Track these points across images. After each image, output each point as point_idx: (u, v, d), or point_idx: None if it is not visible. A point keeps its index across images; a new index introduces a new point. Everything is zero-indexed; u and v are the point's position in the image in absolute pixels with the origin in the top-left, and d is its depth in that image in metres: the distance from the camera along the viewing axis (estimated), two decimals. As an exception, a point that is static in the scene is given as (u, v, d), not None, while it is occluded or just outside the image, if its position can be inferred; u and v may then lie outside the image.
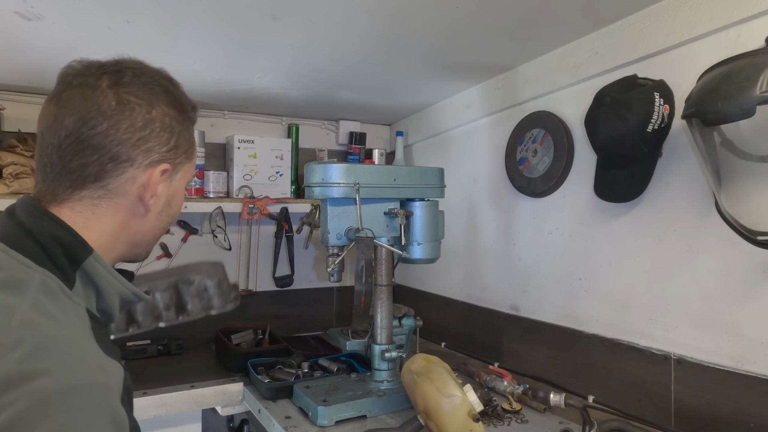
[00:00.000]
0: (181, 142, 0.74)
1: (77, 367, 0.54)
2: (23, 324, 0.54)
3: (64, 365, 0.52)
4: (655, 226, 1.26)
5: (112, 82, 0.72)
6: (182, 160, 0.75)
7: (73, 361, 0.54)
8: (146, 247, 0.78)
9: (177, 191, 0.77)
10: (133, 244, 0.75)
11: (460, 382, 1.15)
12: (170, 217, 0.77)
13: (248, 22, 1.28)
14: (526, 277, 1.66)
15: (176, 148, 0.73)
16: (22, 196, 0.72)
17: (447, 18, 1.27)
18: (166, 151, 0.72)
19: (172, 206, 0.77)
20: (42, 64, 1.56)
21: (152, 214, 0.73)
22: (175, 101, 0.74)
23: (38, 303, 0.57)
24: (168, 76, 0.77)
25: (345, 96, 2.01)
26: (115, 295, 0.70)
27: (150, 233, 0.76)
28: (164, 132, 0.71)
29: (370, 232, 1.33)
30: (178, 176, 0.76)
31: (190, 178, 0.80)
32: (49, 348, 0.53)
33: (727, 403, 1.09)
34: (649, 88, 1.17)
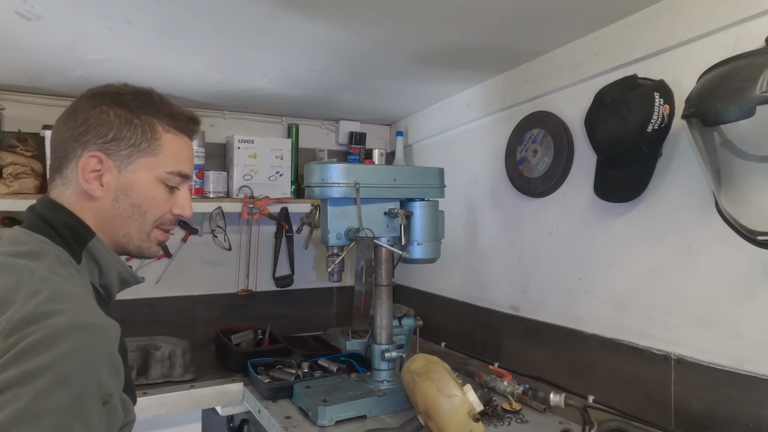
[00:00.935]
0: (124, 135, 0.84)
1: (84, 311, 0.68)
2: (42, 279, 0.69)
3: (73, 308, 0.66)
4: (655, 226, 1.26)
5: (76, 98, 0.88)
6: (131, 152, 0.84)
7: (80, 306, 0.68)
8: (130, 238, 0.87)
9: (132, 182, 0.85)
10: (113, 233, 0.86)
11: (460, 382, 1.15)
12: (134, 207, 0.85)
13: (248, 22, 1.28)
14: (526, 277, 1.66)
15: (116, 141, 0.83)
16: (41, 195, 0.88)
17: (447, 18, 1.27)
18: (102, 143, 0.83)
19: (130, 196, 0.85)
20: (42, 64, 1.56)
21: (105, 201, 0.84)
22: (121, 102, 0.85)
23: (53, 267, 0.72)
24: (133, 88, 0.89)
25: (345, 96, 2.01)
26: (114, 272, 0.84)
27: (117, 222, 0.85)
28: (102, 126, 0.83)
29: (370, 232, 1.33)
30: (131, 168, 0.85)
31: (159, 173, 0.87)
32: (62, 296, 0.67)
33: (727, 403, 1.09)
34: (649, 88, 1.17)
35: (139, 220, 0.87)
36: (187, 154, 0.92)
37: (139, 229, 0.87)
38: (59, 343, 0.60)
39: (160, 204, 0.88)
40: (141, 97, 0.87)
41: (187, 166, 0.91)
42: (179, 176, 0.90)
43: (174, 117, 0.89)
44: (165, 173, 0.87)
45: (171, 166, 0.88)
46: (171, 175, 0.88)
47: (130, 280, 0.88)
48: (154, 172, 0.87)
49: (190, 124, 0.93)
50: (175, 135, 0.89)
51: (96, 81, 1.73)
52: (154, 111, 0.87)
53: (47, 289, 0.67)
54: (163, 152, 0.87)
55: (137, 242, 0.88)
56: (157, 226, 0.90)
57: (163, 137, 0.87)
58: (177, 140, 0.90)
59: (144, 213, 0.87)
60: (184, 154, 0.91)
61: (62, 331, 0.62)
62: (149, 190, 0.87)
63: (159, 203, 0.88)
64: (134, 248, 0.89)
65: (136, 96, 0.87)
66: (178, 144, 0.90)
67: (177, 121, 0.90)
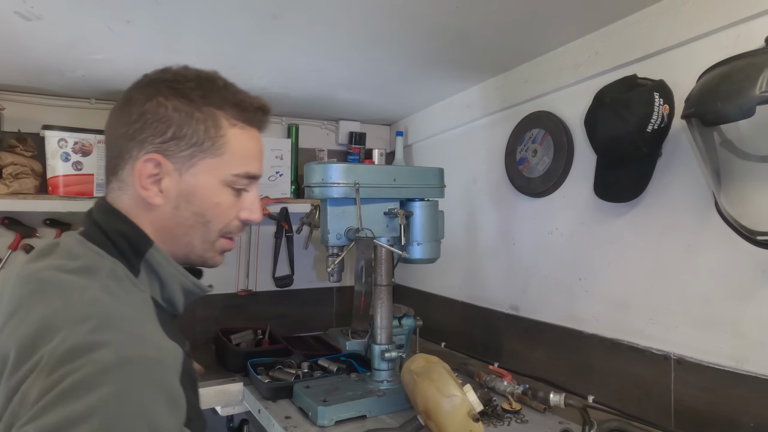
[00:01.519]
0: (185, 133, 0.73)
1: (135, 341, 0.59)
2: (92, 302, 0.61)
3: (123, 338, 0.58)
4: (654, 226, 1.26)
5: (129, 86, 0.78)
6: (193, 153, 0.74)
7: (131, 335, 0.59)
8: (192, 248, 0.78)
9: (195, 187, 0.74)
10: (174, 243, 0.77)
11: (460, 382, 1.15)
12: (196, 216, 0.75)
13: (248, 22, 1.28)
14: (526, 277, 1.66)
15: (176, 140, 0.73)
16: (98, 197, 0.81)
17: (447, 18, 1.27)
18: (160, 143, 0.72)
19: (192, 203, 0.75)
20: (42, 64, 1.56)
21: (165, 209, 0.74)
22: (181, 92, 0.74)
23: (106, 286, 0.65)
24: (195, 72, 0.77)
25: (345, 96, 2.00)
26: (176, 284, 0.75)
27: (178, 231, 0.76)
28: (159, 123, 0.72)
29: (370, 232, 1.33)
30: (193, 171, 0.74)
31: (224, 176, 0.76)
32: (112, 322, 0.59)
33: (727, 403, 1.09)
34: (649, 88, 1.17)
35: (203, 230, 0.77)
36: (255, 151, 0.80)
37: (203, 239, 0.78)
38: (105, 382, 0.52)
39: (225, 211, 0.78)
40: (204, 85, 0.75)
41: (255, 166, 0.80)
42: (247, 178, 0.78)
43: (241, 107, 0.78)
44: (231, 176, 0.76)
45: (237, 167, 0.77)
46: (237, 178, 0.77)
47: (196, 290, 0.79)
48: (219, 175, 0.76)
49: (260, 114, 0.80)
50: (241, 129, 0.78)
51: (96, 81, 1.76)
52: (219, 101, 0.76)
53: (96, 315, 0.59)
54: (228, 151, 0.76)
55: (200, 252, 0.79)
56: (222, 234, 0.79)
57: (228, 133, 0.76)
58: (244, 135, 0.78)
59: (208, 222, 0.76)
60: (252, 151, 0.79)
61: (108, 368, 0.54)
62: (213, 196, 0.76)
63: (224, 210, 0.77)
64: (197, 258, 0.79)
65: (198, 83, 0.75)
66: (245, 140, 0.78)
67: (244, 112, 0.78)
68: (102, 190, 1.79)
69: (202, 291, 0.80)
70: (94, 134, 1.76)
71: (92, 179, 1.77)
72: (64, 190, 1.73)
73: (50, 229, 1.91)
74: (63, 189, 1.73)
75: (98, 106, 1.99)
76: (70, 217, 1.92)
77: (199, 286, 0.79)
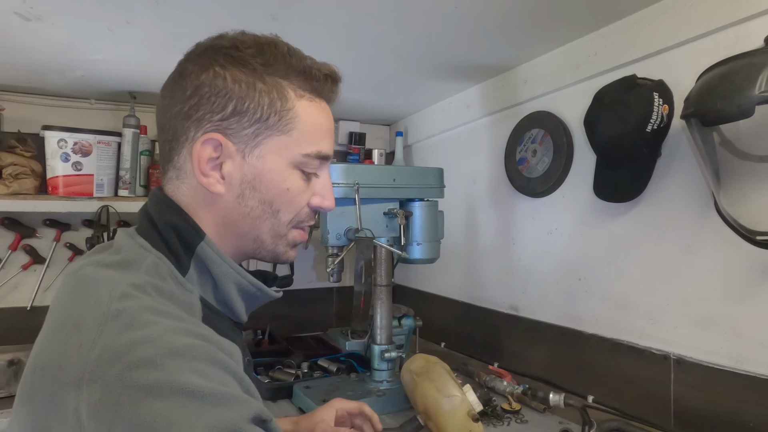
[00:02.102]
0: (247, 107, 0.63)
1: (174, 331, 0.51)
2: (122, 296, 0.52)
3: (160, 331, 0.50)
4: (654, 226, 1.26)
5: (182, 57, 0.69)
6: (257, 130, 0.64)
7: (167, 326, 0.51)
8: (261, 243, 0.69)
9: (261, 171, 0.65)
10: (240, 237, 0.68)
11: (459, 382, 1.15)
12: (264, 204, 0.66)
13: (248, 22, 1.27)
14: (525, 277, 1.66)
15: (238, 115, 0.63)
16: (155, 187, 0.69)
17: (446, 18, 1.27)
18: (219, 120, 0.63)
19: (259, 190, 0.65)
20: (42, 64, 1.56)
21: (228, 198, 0.65)
22: (241, 60, 0.64)
23: (139, 280, 0.56)
24: (254, 38, 0.66)
25: (344, 96, 1.99)
26: (231, 284, 0.66)
27: (244, 223, 0.67)
28: (218, 97, 0.63)
29: (370, 232, 1.33)
30: (258, 151, 0.64)
31: (293, 156, 0.66)
32: (144, 317, 0.51)
33: (726, 403, 1.09)
34: (649, 88, 1.17)
35: (272, 221, 0.67)
36: (327, 127, 0.70)
37: (273, 231, 0.68)
38: (153, 375, 0.47)
39: (295, 198, 0.68)
40: (266, 51, 0.65)
41: (327, 144, 0.69)
42: (318, 159, 0.68)
43: (309, 75, 0.68)
44: (301, 156, 0.66)
45: (308, 145, 0.67)
46: (308, 159, 0.67)
47: (257, 294, 0.69)
48: (287, 155, 0.66)
49: (329, 83, 0.71)
50: (310, 101, 0.68)
51: (96, 81, 1.76)
52: (284, 69, 0.66)
53: (127, 311, 0.51)
54: (298, 127, 0.66)
55: (271, 247, 0.69)
56: (294, 225, 0.70)
57: (296, 106, 0.66)
58: (314, 109, 0.68)
59: (277, 211, 0.67)
60: (323, 126, 0.69)
61: (153, 364, 0.47)
62: (282, 181, 0.66)
63: (294, 197, 0.67)
64: (268, 254, 0.70)
65: (259, 50, 0.65)
66: (315, 113, 0.68)
67: (313, 81, 0.68)
68: (101, 191, 1.80)
69: (265, 295, 0.70)
70: (94, 134, 1.76)
71: (92, 179, 1.77)
72: (64, 190, 1.73)
73: (50, 229, 1.92)
74: (63, 189, 1.73)
75: (98, 107, 1.99)
76: (70, 218, 1.92)
77: (261, 288, 0.69)
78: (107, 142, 1.80)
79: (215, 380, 0.49)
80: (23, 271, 1.89)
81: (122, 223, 1.99)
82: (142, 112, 1.97)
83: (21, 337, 1.82)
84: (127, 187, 1.86)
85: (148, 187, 1.97)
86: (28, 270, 1.89)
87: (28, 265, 1.89)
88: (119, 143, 1.85)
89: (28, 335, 1.94)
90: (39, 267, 1.90)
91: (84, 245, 1.89)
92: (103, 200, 1.80)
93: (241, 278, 0.67)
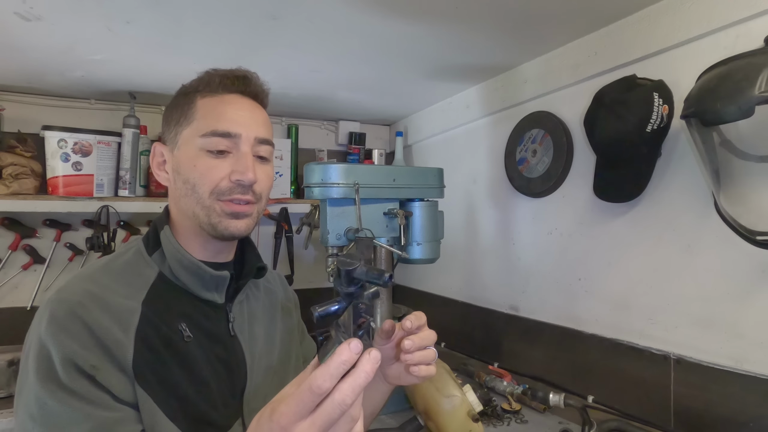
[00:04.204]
0: (171, 118, 0.84)
1: (63, 292, 0.74)
2: (76, 276, 0.79)
3: (62, 290, 0.75)
4: (654, 226, 1.26)
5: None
6: (177, 130, 0.83)
7: (68, 289, 0.74)
8: (197, 216, 0.81)
9: (179, 158, 0.82)
10: (186, 215, 0.83)
11: (459, 382, 1.15)
12: (186, 183, 0.81)
13: (248, 22, 1.28)
14: (525, 277, 1.66)
15: (167, 126, 0.85)
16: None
17: (446, 18, 1.27)
18: (162, 134, 0.87)
19: (180, 172, 0.82)
20: (42, 64, 1.56)
21: (172, 186, 0.85)
22: (179, 91, 0.86)
23: (109, 262, 0.81)
24: (210, 71, 0.86)
25: (344, 96, 2.01)
26: (174, 261, 0.81)
27: (182, 203, 0.83)
28: (163, 120, 0.87)
29: (370, 232, 1.33)
30: (178, 145, 0.83)
31: (196, 141, 0.80)
32: (70, 283, 0.76)
33: (726, 403, 1.09)
34: (648, 88, 1.17)
35: (194, 196, 0.80)
36: (222, 111, 0.81)
37: (199, 204, 0.80)
38: (39, 313, 0.74)
39: (205, 172, 0.80)
40: (197, 78, 0.85)
41: (224, 124, 0.80)
42: (216, 136, 0.79)
43: (210, 80, 0.83)
44: (200, 138, 0.80)
45: (204, 128, 0.80)
46: (207, 138, 0.79)
47: (200, 272, 0.81)
48: (193, 142, 0.80)
49: (226, 81, 0.83)
50: (211, 97, 0.82)
51: (96, 81, 1.76)
52: (197, 85, 0.84)
53: (70, 280, 0.77)
54: (197, 117, 0.81)
55: (205, 219, 0.80)
56: (217, 198, 0.80)
57: (197, 103, 0.82)
58: (211, 101, 0.82)
59: (194, 186, 0.80)
60: (217, 111, 0.81)
61: (45, 304, 0.74)
62: (190, 161, 0.80)
63: (204, 171, 0.80)
64: (209, 227, 0.81)
65: (195, 80, 0.85)
66: (212, 104, 0.82)
67: (211, 83, 0.83)
68: (101, 191, 1.80)
69: (207, 273, 0.81)
70: (94, 134, 1.77)
71: (92, 179, 1.77)
72: (64, 190, 1.73)
73: (50, 229, 1.92)
74: (63, 189, 1.73)
75: (98, 107, 1.99)
76: (70, 218, 1.92)
77: (200, 267, 0.81)
78: (107, 142, 1.80)
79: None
80: (23, 271, 1.89)
81: (122, 223, 1.99)
82: (142, 112, 1.98)
83: (21, 337, 1.80)
84: (127, 187, 1.86)
85: (148, 187, 1.97)
86: (28, 270, 1.90)
87: (28, 265, 1.89)
88: (119, 143, 1.85)
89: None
90: (39, 267, 1.90)
91: (84, 245, 1.89)
92: (103, 200, 1.80)
93: (180, 256, 0.81)
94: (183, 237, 0.84)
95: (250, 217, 0.83)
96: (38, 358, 0.68)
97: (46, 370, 0.66)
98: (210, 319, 0.82)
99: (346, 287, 0.59)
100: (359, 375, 0.45)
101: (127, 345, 0.71)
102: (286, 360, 0.94)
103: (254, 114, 0.85)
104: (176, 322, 0.78)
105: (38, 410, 0.65)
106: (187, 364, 0.76)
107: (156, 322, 0.75)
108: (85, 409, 0.65)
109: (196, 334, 0.79)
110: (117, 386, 0.69)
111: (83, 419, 0.65)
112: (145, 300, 0.77)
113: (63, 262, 1.94)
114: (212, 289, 0.83)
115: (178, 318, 0.78)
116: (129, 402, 0.70)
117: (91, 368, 0.67)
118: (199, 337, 0.79)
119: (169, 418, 0.71)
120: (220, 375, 0.80)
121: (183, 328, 0.78)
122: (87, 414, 0.65)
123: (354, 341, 0.45)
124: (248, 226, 0.84)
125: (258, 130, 0.83)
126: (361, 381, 0.45)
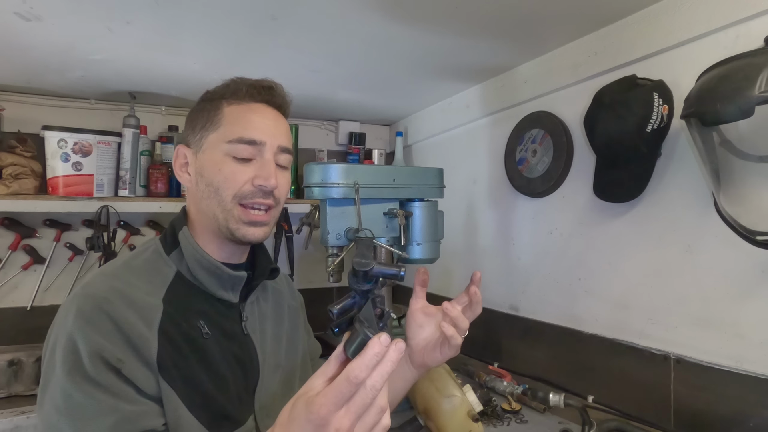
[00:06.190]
0: (196, 122, 0.87)
1: (89, 287, 0.76)
2: (96, 273, 0.82)
3: (87, 285, 0.77)
4: (654, 226, 1.26)
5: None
6: (202, 134, 0.86)
7: (93, 284, 0.77)
8: (217, 220, 0.84)
9: (204, 162, 0.85)
10: (206, 218, 0.86)
11: (459, 382, 1.15)
12: (209, 186, 0.84)
13: (248, 22, 1.28)
14: (525, 277, 1.66)
15: (192, 129, 0.87)
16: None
17: (446, 18, 1.27)
18: (185, 137, 0.89)
19: (204, 175, 0.84)
20: (41, 64, 1.56)
21: (193, 188, 0.87)
22: (204, 96, 0.90)
23: (129, 260, 0.84)
24: (236, 80, 0.90)
25: (344, 96, 2.01)
26: (192, 260, 0.84)
27: (203, 205, 0.85)
28: (186, 124, 0.90)
29: (370, 232, 1.33)
30: (203, 149, 0.85)
31: (222, 146, 0.84)
32: (93, 280, 0.79)
33: (726, 403, 1.09)
34: (648, 88, 1.17)
35: (217, 199, 0.83)
36: (248, 119, 0.85)
37: (220, 207, 0.83)
38: (64, 306, 0.76)
39: (229, 177, 0.83)
40: (223, 84, 0.88)
41: (250, 132, 0.84)
42: (242, 143, 0.83)
43: (237, 89, 0.87)
44: (226, 144, 0.83)
45: (231, 134, 0.83)
46: (233, 144, 0.83)
47: (216, 271, 0.84)
48: (219, 147, 0.84)
49: (252, 90, 0.88)
50: (237, 105, 0.86)
51: (96, 81, 1.76)
52: (223, 91, 0.87)
53: (92, 277, 0.80)
54: (224, 124, 0.84)
55: (224, 223, 0.84)
56: (239, 202, 0.84)
57: (224, 110, 0.85)
58: (238, 109, 0.86)
59: (217, 189, 0.83)
60: (244, 119, 0.85)
61: (70, 298, 0.76)
62: (215, 165, 0.83)
63: (228, 176, 0.83)
64: (227, 231, 0.84)
65: (220, 86, 0.89)
66: (238, 112, 0.85)
67: (238, 92, 0.87)
68: (101, 191, 1.80)
69: (225, 273, 0.84)
70: (94, 134, 1.76)
71: (92, 179, 1.77)
72: (64, 190, 1.73)
73: (50, 229, 1.92)
74: (63, 189, 1.73)
75: (98, 107, 1.99)
76: (70, 218, 1.92)
77: (218, 267, 0.84)
78: (107, 142, 1.80)
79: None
80: (23, 271, 1.89)
81: (122, 223, 1.99)
82: (142, 112, 1.98)
83: (21, 337, 1.83)
84: (127, 187, 1.86)
85: (148, 187, 1.97)
86: (28, 270, 1.90)
87: (28, 265, 1.89)
88: (119, 143, 1.85)
89: (28, 335, 1.95)
90: (39, 267, 1.90)
91: (84, 245, 1.89)
92: (103, 200, 1.80)
93: (200, 257, 0.84)
94: (201, 238, 0.87)
95: (267, 225, 0.88)
96: (65, 351, 0.69)
97: (73, 363, 0.68)
98: (225, 318, 0.86)
99: (363, 285, 0.67)
100: (386, 363, 0.49)
101: (151, 340, 0.74)
102: (293, 358, 0.97)
103: (278, 124, 0.89)
104: (195, 319, 0.81)
105: (63, 402, 0.67)
106: (206, 360, 0.79)
107: (177, 319, 0.78)
108: (110, 402, 0.68)
109: (214, 332, 0.82)
110: (141, 380, 0.71)
111: (108, 412, 0.67)
112: (165, 297, 0.80)
113: (63, 262, 1.94)
114: (228, 289, 0.87)
115: (197, 315, 0.82)
116: (152, 396, 0.72)
117: (117, 362, 0.70)
118: (216, 334, 0.82)
119: (191, 412, 0.75)
120: (235, 372, 0.83)
121: (201, 325, 0.81)
122: (112, 407, 0.68)
123: (383, 335, 0.49)
124: (265, 233, 0.88)
125: (281, 139, 0.87)
126: (388, 368, 0.49)
